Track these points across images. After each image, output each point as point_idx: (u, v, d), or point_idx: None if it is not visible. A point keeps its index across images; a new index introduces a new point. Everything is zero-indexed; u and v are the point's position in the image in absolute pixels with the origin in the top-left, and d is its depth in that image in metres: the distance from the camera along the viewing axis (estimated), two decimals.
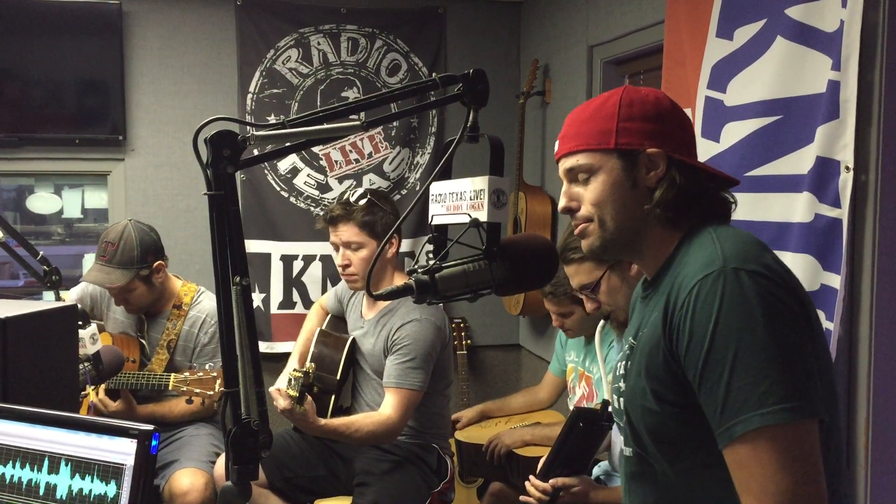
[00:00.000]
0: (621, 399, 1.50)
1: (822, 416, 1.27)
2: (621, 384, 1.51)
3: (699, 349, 1.28)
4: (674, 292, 1.35)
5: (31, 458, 1.43)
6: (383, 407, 2.71)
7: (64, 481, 1.40)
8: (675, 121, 1.46)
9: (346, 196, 2.88)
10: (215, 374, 2.77)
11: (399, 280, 2.77)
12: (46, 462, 1.42)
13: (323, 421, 2.62)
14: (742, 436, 1.24)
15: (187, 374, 2.80)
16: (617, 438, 2.28)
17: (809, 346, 1.29)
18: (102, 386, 2.81)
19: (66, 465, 1.41)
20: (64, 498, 1.40)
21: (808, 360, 1.27)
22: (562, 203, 1.50)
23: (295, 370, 2.59)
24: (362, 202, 2.81)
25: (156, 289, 3.04)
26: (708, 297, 1.28)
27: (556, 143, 1.51)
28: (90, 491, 1.38)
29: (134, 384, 2.88)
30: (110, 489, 1.37)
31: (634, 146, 1.41)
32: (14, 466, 1.44)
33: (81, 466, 1.39)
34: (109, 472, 1.37)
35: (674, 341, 1.33)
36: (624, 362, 1.51)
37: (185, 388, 2.77)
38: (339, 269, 2.89)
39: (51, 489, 1.41)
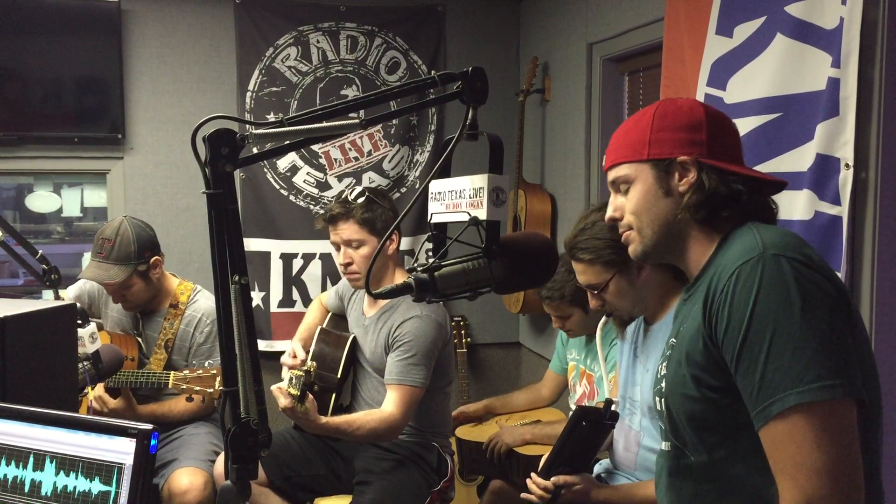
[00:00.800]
0: (662, 400, 1.52)
1: (861, 397, 1.28)
2: (662, 385, 1.53)
3: (737, 331, 1.31)
4: (714, 280, 1.38)
5: (29, 457, 1.43)
6: (385, 404, 2.71)
7: (63, 481, 1.40)
8: (710, 128, 1.49)
9: (344, 195, 2.88)
10: (214, 371, 2.77)
11: (400, 277, 2.77)
12: (46, 462, 1.42)
13: (324, 419, 2.61)
14: (778, 414, 1.27)
15: (187, 371, 2.79)
16: (619, 436, 2.28)
17: (848, 329, 1.32)
18: (101, 384, 2.80)
19: (65, 464, 1.40)
20: (62, 497, 1.40)
21: (845, 342, 1.29)
22: (608, 213, 1.58)
23: (296, 369, 2.58)
24: (361, 199, 2.80)
25: (153, 285, 3.04)
26: (747, 281, 1.31)
27: (605, 157, 1.61)
28: (89, 490, 1.38)
29: (133, 382, 2.87)
30: (109, 488, 1.36)
31: (665, 155, 1.48)
32: (12, 466, 1.44)
33: (80, 466, 1.39)
34: (108, 471, 1.37)
35: (713, 325, 1.36)
36: (664, 363, 1.54)
37: (184, 386, 2.76)
38: (341, 269, 2.88)
39: (49, 488, 1.41)
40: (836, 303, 1.31)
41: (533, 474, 2.25)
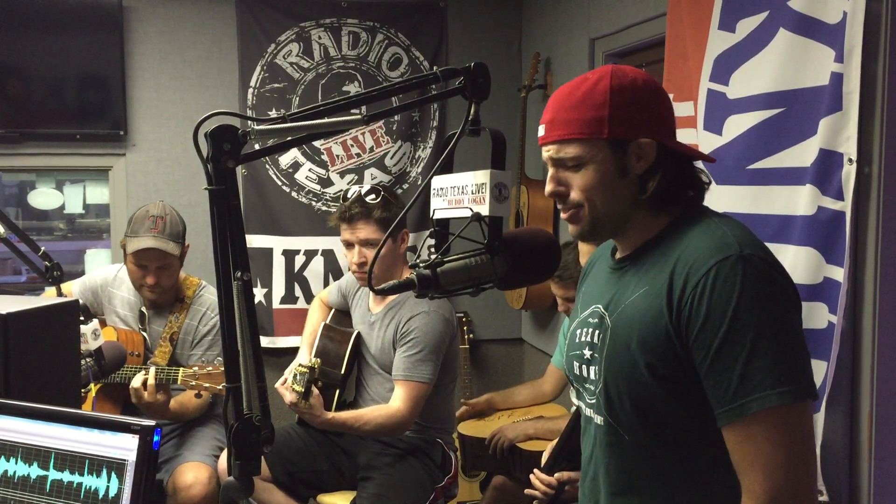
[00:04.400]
0: (590, 367, 1.52)
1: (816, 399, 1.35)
2: (585, 351, 1.53)
3: (716, 328, 1.31)
4: (680, 271, 1.37)
5: (33, 453, 1.43)
6: (392, 400, 2.71)
7: (66, 477, 1.40)
8: (661, 104, 1.48)
9: (356, 192, 2.84)
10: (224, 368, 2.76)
11: (408, 275, 2.77)
12: (49, 458, 1.42)
13: (330, 414, 2.62)
14: (756, 413, 1.29)
15: (196, 368, 2.79)
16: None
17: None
18: (153, 372, 2.76)
19: (68, 460, 1.41)
20: (65, 493, 1.40)
21: (806, 345, 1.35)
22: (549, 188, 1.50)
23: (300, 365, 2.58)
24: (377, 199, 2.78)
25: (179, 272, 3.08)
26: (728, 279, 1.32)
27: (542, 127, 1.49)
28: (92, 486, 1.38)
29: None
30: (112, 484, 1.37)
31: (628, 136, 1.42)
32: (16, 462, 1.44)
33: (84, 462, 1.39)
34: (111, 467, 1.37)
35: (683, 318, 1.35)
36: (591, 330, 1.53)
37: (193, 383, 2.76)
38: (354, 267, 2.85)
39: (52, 485, 1.41)
40: (798, 306, 1.37)
41: (536, 470, 2.26)
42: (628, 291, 1.47)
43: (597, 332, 1.51)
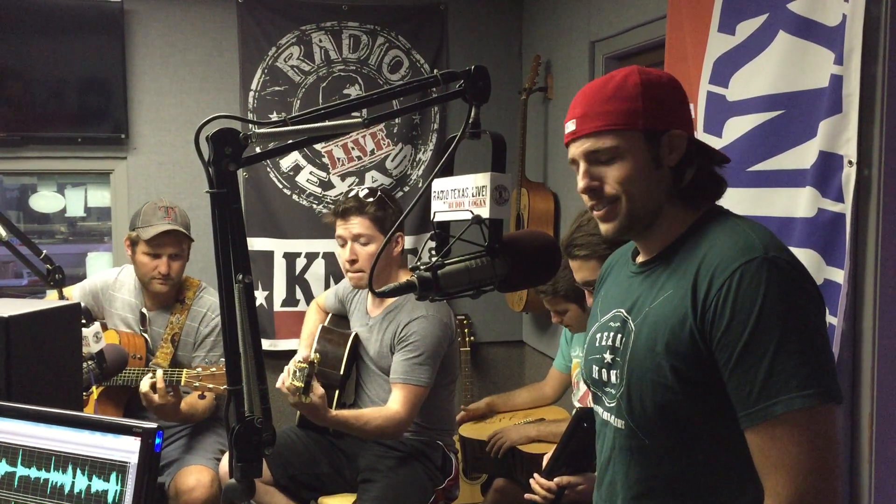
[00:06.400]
0: (611, 371, 1.52)
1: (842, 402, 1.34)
2: (606, 355, 1.53)
3: (741, 330, 1.31)
4: (705, 273, 1.38)
5: (35, 456, 1.44)
6: (391, 402, 2.72)
7: (68, 479, 1.40)
8: (685, 102, 1.51)
9: (354, 192, 2.89)
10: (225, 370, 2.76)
11: (404, 278, 2.77)
12: (50, 461, 1.43)
13: (333, 412, 2.62)
14: (782, 415, 1.29)
15: (199, 369, 2.80)
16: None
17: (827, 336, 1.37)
18: (160, 374, 2.75)
19: (70, 463, 1.41)
20: (68, 496, 1.40)
21: (830, 346, 1.35)
22: (582, 184, 1.48)
23: (299, 362, 2.59)
24: (373, 198, 2.82)
25: (185, 266, 3.12)
26: (753, 281, 1.32)
27: (572, 123, 1.48)
28: (94, 489, 1.38)
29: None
30: (114, 487, 1.37)
31: (661, 127, 1.44)
32: (18, 465, 1.45)
33: (85, 464, 1.40)
34: (114, 469, 1.37)
35: (708, 320, 1.35)
36: (612, 334, 1.53)
37: (197, 384, 2.77)
38: (346, 265, 2.87)
39: (55, 487, 1.41)
40: (823, 309, 1.37)
41: (536, 475, 2.26)
42: (652, 295, 1.47)
43: (619, 335, 1.51)
